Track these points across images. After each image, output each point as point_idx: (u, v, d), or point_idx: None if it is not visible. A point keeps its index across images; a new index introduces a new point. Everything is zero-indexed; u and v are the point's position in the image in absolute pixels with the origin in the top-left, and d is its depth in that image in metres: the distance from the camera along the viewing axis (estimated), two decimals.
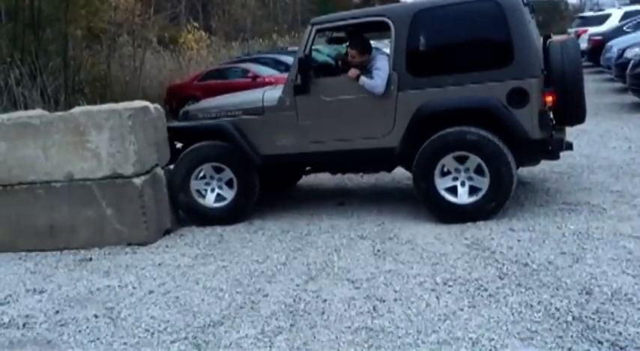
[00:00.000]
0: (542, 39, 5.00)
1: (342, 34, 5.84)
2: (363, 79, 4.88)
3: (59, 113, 5.09)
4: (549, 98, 4.66)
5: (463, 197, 4.72)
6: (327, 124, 5.01)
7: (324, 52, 11.92)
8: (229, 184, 5.32)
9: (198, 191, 5.33)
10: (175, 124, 5.80)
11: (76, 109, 5.02)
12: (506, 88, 4.55)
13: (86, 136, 4.83)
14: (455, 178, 4.76)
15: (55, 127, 4.87)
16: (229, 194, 5.32)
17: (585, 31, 16.84)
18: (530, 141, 4.62)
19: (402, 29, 4.81)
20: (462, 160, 4.71)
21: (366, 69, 4.98)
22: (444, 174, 4.75)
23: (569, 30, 19.00)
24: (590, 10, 23.11)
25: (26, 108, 9.91)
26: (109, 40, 16.33)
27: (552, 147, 4.78)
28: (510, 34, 4.56)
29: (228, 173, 5.30)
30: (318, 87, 5.02)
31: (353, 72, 4.95)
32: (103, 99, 12.43)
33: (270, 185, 5.97)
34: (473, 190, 4.72)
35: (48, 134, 4.87)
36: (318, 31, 5.11)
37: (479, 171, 4.67)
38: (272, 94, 5.26)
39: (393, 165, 5.37)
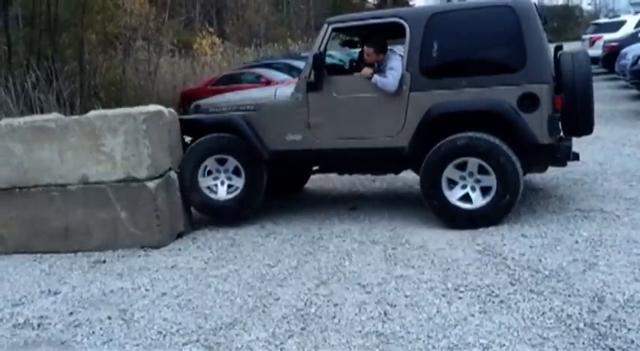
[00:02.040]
0: (553, 49, 5.02)
1: (355, 39, 5.86)
2: (376, 77, 4.92)
3: (75, 117, 5.15)
4: (559, 103, 4.68)
5: (478, 201, 4.72)
6: (338, 122, 5.05)
7: (335, 57, 11.97)
8: (236, 172, 5.35)
9: (208, 188, 5.37)
10: (186, 116, 5.85)
11: (92, 113, 5.08)
12: (518, 93, 4.58)
13: (101, 139, 4.88)
14: (464, 186, 4.78)
15: (71, 130, 4.93)
16: (239, 182, 5.34)
17: (600, 38, 16.73)
18: (538, 146, 4.64)
19: (417, 31, 4.84)
20: (462, 166, 4.74)
21: (380, 69, 5.02)
22: (451, 185, 4.77)
23: (584, 36, 18.90)
24: (605, 16, 22.99)
25: (42, 112, 10.02)
26: (124, 45, 16.49)
27: (560, 154, 4.81)
28: (523, 39, 4.59)
29: (232, 162, 5.33)
30: (331, 85, 5.06)
31: (366, 70, 5.01)
32: (118, 103, 12.54)
33: (278, 188, 6.03)
34: (484, 192, 4.73)
35: (64, 137, 4.93)
36: (334, 29, 5.17)
37: (483, 171, 4.69)
38: (284, 91, 5.34)
39: (400, 167, 5.41)
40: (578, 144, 7.60)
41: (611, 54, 14.27)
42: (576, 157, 5.12)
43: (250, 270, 4.26)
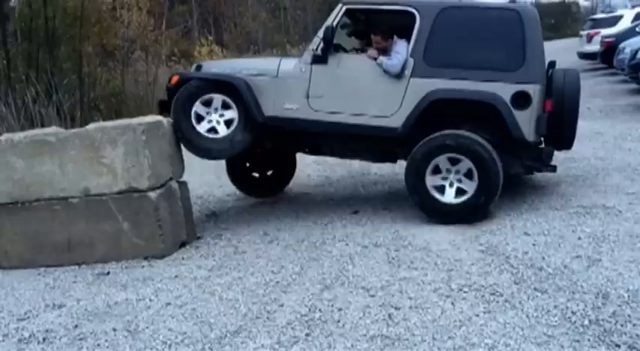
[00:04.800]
0: (547, 64, 5.27)
1: (361, 28, 5.95)
2: (382, 58, 5.16)
3: (74, 130, 5.16)
4: (549, 106, 5.02)
5: (449, 197, 4.93)
6: (337, 96, 5.23)
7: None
8: (225, 106, 5.37)
9: (208, 131, 5.36)
10: (186, 72, 5.87)
11: (91, 126, 5.09)
12: (513, 90, 4.86)
13: (101, 151, 4.89)
14: (444, 178, 4.98)
15: (71, 143, 4.94)
16: (232, 114, 5.35)
17: (597, 33, 16.72)
18: (524, 143, 4.95)
19: (427, 21, 5.10)
20: (454, 161, 4.92)
21: (387, 53, 5.23)
22: (435, 172, 4.96)
23: (581, 32, 18.89)
24: (602, 11, 22.94)
25: (43, 125, 10.04)
26: (122, 57, 16.53)
27: (544, 155, 5.21)
28: (525, 41, 4.92)
29: (218, 98, 5.34)
30: (336, 60, 5.27)
31: (373, 52, 5.25)
32: (118, 114, 12.55)
33: (264, 183, 6.46)
34: (459, 192, 4.92)
35: (64, 151, 4.94)
36: (347, 10, 5.33)
37: (468, 175, 4.89)
38: (289, 61, 5.49)
39: (389, 152, 5.54)
40: (579, 140, 7.61)
41: (609, 49, 14.27)
42: (554, 169, 5.36)
43: (254, 277, 4.26)
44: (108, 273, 4.71)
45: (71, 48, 13.74)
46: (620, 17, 17.42)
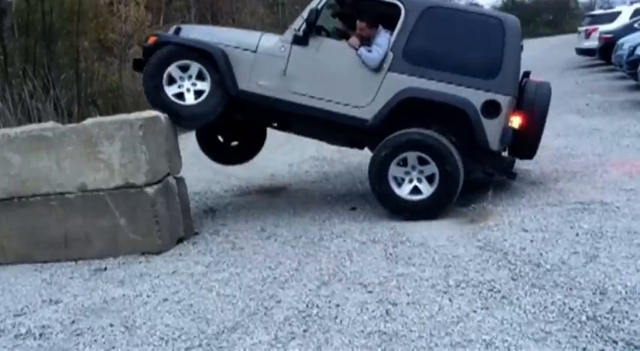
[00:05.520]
0: (522, 74, 5.36)
1: (347, 12, 5.97)
2: (362, 50, 5.17)
3: (71, 125, 5.14)
4: (517, 118, 5.14)
5: (404, 192, 5.04)
6: (313, 80, 5.23)
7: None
8: (200, 77, 5.36)
9: (175, 95, 5.36)
10: (164, 33, 5.90)
11: (88, 121, 5.07)
12: (484, 98, 4.95)
13: (98, 147, 4.87)
14: (407, 173, 5.06)
15: (68, 138, 4.92)
16: (205, 86, 5.34)
17: (596, 29, 16.69)
18: (488, 151, 5.05)
19: (411, 17, 5.12)
20: (423, 162, 5.00)
21: (368, 42, 5.24)
22: (401, 164, 5.04)
23: (580, 28, 18.88)
24: (600, 7, 22.96)
25: (40, 121, 10.00)
26: (120, 52, 16.48)
27: (505, 163, 5.31)
28: (503, 52, 5.00)
29: (195, 66, 5.33)
30: (317, 43, 5.27)
31: (354, 41, 5.25)
32: (116, 110, 12.51)
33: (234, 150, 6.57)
34: (415, 190, 5.03)
35: (61, 146, 4.92)
36: None
37: (430, 179, 4.99)
38: (269, 38, 5.44)
39: (355, 140, 5.61)
40: (577, 136, 7.63)
41: (607, 45, 14.24)
42: (514, 176, 5.44)
43: (251, 273, 4.25)
44: (105, 269, 4.70)
45: (68, 43, 13.68)
46: (619, 13, 17.39)
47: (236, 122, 6.45)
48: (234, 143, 6.76)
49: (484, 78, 4.97)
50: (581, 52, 17.58)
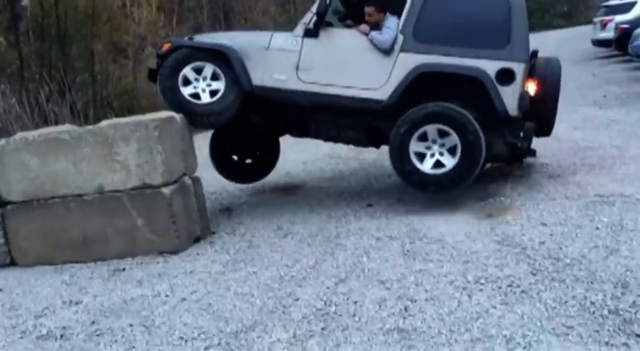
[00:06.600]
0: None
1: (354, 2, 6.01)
2: (373, 33, 5.29)
3: (88, 127, 5.18)
4: (531, 85, 5.29)
5: (427, 167, 5.07)
6: (325, 69, 5.35)
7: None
8: (214, 78, 5.49)
9: (191, 95, 5.45)
10: (177, 39, 6.18)
11: (104, 123, 5.10)
12: (498, 66, 5.04)
13: (114, 148, 4.90)
14: (428, 148, 5.10)
15: (84, 141, 4.96)
16: (219, 85, 5.47)
17: (611, 20, 16.48)
18: (507, 118, 5.08)
19: None
20: (443, 134, 5.04)
21: (378, 27, 5.34)
22: (421, 139, 5.08)
23: (595, 19, 18.66)
24: None
25: (57, 124, 10.09)
26: (134, 54, 16.58)
27: (525, 131, 5.36)
28: (511, 21, 5.10)
29: (209, 67, 5.47)
30: (327, 34, 5.41)
31: (364, 27, 5.37)
32: (131, 111, 12.57)
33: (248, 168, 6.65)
34: (437, 164, 5.06)
35: (78, 148, 4.96)
36: None
37: (452, 151, 5.02)
38: (281, 35, 5.61)
39: (379, 130, 5.60)
40: (595, 129, 7.54)
41: (624, 36, 14.05)
42: (533, 153, 5.61)
43: (269, 271, 4.26)
44: (123, 269, 4.73)
45: (83, 46, 13.79)
46: (635, 3, 17.13)
47: (249, 139, 6.51)
48: (249, 161, 6.75)
49: (495, 48, 5.08)
50: (597, 43, 17.37)
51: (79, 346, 3.52)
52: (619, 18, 16.05)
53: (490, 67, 5.03)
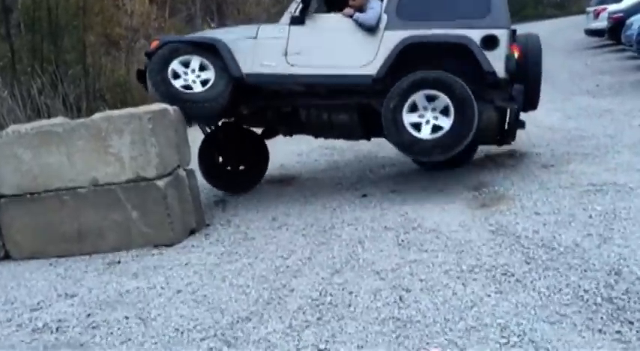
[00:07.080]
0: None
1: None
2: (357, 14, 5.48)
3: (81, 120, 5.16)
4: (516, 53, 5.40)
5: (425, 133, 5.09)
6: (313, 52, 5.49)
7: None
8: (202, 68, 5.58)
9: (183, 87, 5.51)
10: (165, 36, 6.40)
11: (97, 115, 5.08)
12: (482, 34, 5.18)
13: (108, 141, 4.89)
14: (421, 116, 5.15)
15: (78, 133, 4.94)
16: (209, 75, 5.56)
17: (605, 9, 16.49)
18: (496, 81, 5.19)
19: None
20: (431, 99, 5.11)
21: (361, 11, 5.51)
22: (412, 110, 5.14)
23: (588, 9, 18.66)
24: None
25: (49, 116, 10.04)
26: (126, 46, 16.49)
27: (514, 93, 5.41)
28: None
29: (196, 60, 5.57)
30: (313, 20, 5.60)
31: (348, 10, 5.55)
32: (124, 104, 12.52)
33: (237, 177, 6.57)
34: (435, 129, 5.08)
35: (71, 141, 4.94)
36: None
37: (445, 112, 5.07)
38: (267, 26, 5.83)
39: (370, 119, 5.61)
40: (588, 118, 7.57)
41: (617, 25, 14.08)
42: (522, 124, 5.75)
43: (264, 263, 4.26)
44: (119, 262, 4.73)
45: (75, 38, 13.71)
46: None
47: (238, 146, 6.54)
48: (240, 168, 6.66)
49: (477, 18, 5.25)
50: (591, 33, 17.38)
51: (75, 338, 3.52)
52: (612, 7, 16.05)
53: (474, 35, 5.17)
